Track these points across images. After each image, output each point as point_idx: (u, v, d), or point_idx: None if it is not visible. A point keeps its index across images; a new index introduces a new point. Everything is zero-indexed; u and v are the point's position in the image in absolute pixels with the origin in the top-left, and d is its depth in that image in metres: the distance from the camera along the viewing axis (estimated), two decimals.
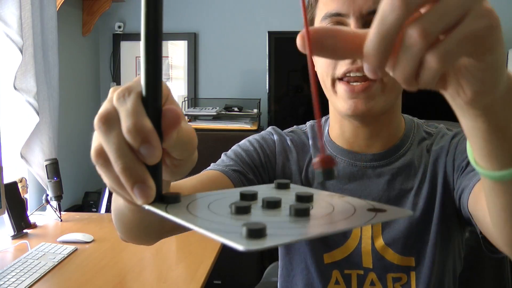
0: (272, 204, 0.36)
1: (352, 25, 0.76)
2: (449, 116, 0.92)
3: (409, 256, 0.85)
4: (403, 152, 0.87)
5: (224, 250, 1.77)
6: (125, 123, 0.35)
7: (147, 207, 0.36)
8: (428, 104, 2.75)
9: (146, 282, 1.47)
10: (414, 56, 0.33)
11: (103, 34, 3.12)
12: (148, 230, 0.67)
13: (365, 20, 0.76)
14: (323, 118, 0.96)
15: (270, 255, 2.48)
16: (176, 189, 0.74)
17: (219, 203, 0.37)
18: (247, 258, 2.65)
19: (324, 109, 0.93)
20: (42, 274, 1.45)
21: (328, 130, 0.93)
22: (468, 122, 0.42)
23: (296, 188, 0.43)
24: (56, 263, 1.53)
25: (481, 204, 0.69)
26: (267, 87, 2.82)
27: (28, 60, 2.03)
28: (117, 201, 0.60)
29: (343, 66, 0.77)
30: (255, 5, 3.00)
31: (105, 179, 0.38)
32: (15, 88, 1.97)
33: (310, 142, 0.93)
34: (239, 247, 0.28)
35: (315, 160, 0.38)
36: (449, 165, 0.84)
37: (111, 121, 0.36)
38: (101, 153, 0.36)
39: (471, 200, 0.74)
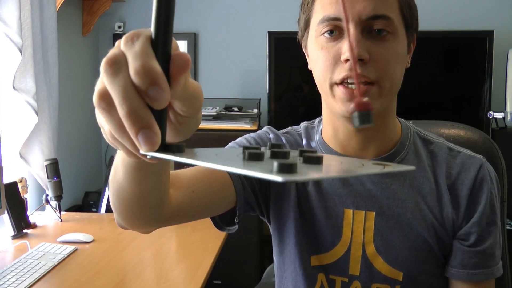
0: (282, 154, 0.35)
1: (351, 31, 0.74)
2: (448, 116, 0.92)
3: (399, 270, 0.83)
4: (398, 161, 0.85)
5: (224, 250, 1.77)
6: (133, 65, 0.34)
7: (151, 154, 0.35)
8: (426, 105, 2.75)
9: (146, 282, 1.46)
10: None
11: (103, 34, 3.12)
12: (147, 211, 0.66)
13: (364, 25, 0.75)
14: (317, 119, 0.95)
15: (270, 255, 2.48)
16: (174, 178, 0.73)
17: (226, 153, 0.36)
18: (247, 258, 2.65)
19: (319, 109, 0.92)
20: (42, 274, 1.45)
21: (321, 131, 0.91)
22: None
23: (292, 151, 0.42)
24: (56, 263, 1.53)
25: None
26: (267, 87, 2.82)
27: (27, 60, 2.03)
28: (116, 176, 0.58)
29: (341, 72, 0.76)
30: (255, 5, 3.00)
31: (106, 125, 0.36)
32: (14, 88, 1.97)
33: (304, 142, 0.93)
34: (278, 178, 0.28)
35: (352, 105, 0.36)
36: (463, 206, 0.83)
37: (118, 63, 0.35)
38: (105, 96, 0.35)
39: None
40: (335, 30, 0.77)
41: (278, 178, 0.28)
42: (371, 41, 0.75)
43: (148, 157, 0.35)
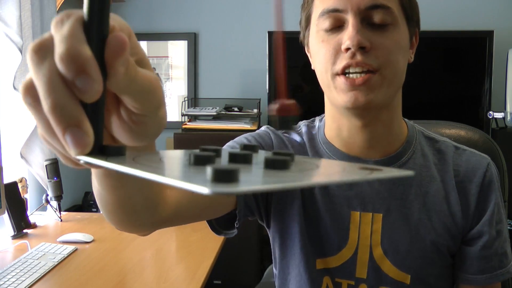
0: (241, 158, 0.28)
1: (350, 21, 0.74)
2: (448, 116, 0.92)
3: (406, 272, 0.82)
4: (404, 160, 0.84)
5: (224, 250, 1.76)
6: (57, 50, 0.28)
7: (82, 159, 0.29)
8: (426, 105, 2.75)
9: (146, 282, 1.46)
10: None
11: None
12: (133, 216, 0.58)
13: (363, 15, 0.74)
14: (317, 118, 0.93)
15: (270, 255, 2.48)
16: None
17: (175, 157, 0.31)
18: (247, 258, 2.64)
19: (319, 109, 0.92)
20: (42, 274, 1.45)
21: (324, 130, 0.89)
22: None
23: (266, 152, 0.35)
24: (56, 263, 1.53)
25: None
26: (267, 87, 2.82)
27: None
28: (94, 182, 0.50)
29: (342, 61, 0.75)
30: (255, 5, 3.00)
31: (36, 123, 0.31)
32: (14, 88, 1.97)
33: (307, 144, 0.90)
34: (203, 190, 0.22)
35: (273, 106, 0.34)
36: (472, 204, 0.82)
37: (45, 49, 0.29)
38: (30, 89, 0.29)
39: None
40: (335, 25, 0.77)
41: (202, 190, 0.22)
42: (372, 32, 0.75)
43: (81, 162, 0.30)
